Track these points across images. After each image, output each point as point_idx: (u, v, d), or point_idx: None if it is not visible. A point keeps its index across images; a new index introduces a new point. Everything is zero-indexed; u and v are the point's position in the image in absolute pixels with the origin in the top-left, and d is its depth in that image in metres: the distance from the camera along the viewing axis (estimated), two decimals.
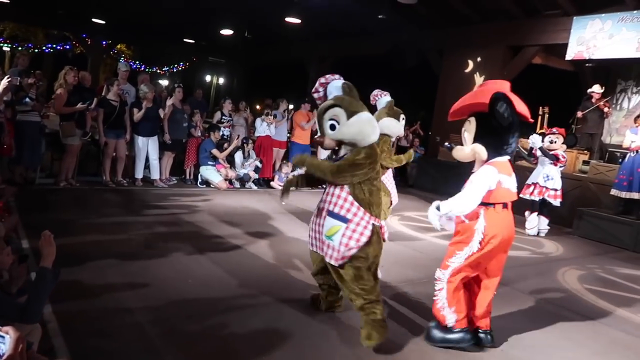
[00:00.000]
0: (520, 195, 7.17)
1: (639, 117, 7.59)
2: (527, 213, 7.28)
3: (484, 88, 3.37)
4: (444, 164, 10.61)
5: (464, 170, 9.86)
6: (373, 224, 3.14)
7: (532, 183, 7.20)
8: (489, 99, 3.07)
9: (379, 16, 11.25)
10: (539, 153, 7.17)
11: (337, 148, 3.26)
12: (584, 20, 9.20)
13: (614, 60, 9.16)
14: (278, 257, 4.78)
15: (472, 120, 3.21)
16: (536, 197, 7.09)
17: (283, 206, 7.31)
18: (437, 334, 3.25)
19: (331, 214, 3.15)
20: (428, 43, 12.16)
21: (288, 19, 12.02)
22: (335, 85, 3.34)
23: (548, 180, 7.06)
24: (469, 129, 3.23)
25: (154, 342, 2.91)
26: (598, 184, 8.10)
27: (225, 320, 3.28)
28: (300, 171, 3.61)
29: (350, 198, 3.14)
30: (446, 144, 3.90)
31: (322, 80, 3.42)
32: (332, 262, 3.13)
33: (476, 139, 3.17)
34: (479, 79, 11.05)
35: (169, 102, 7.65)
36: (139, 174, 7.55)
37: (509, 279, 4.93)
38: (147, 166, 7.66)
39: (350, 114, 3.09)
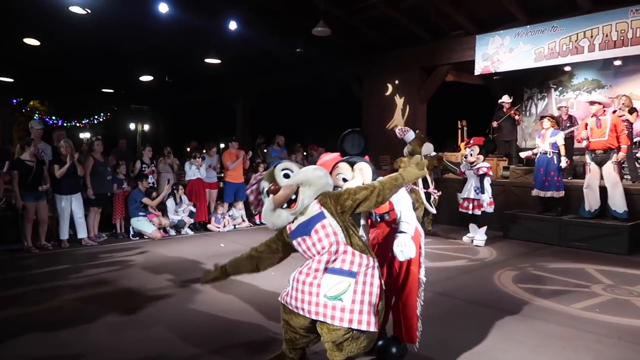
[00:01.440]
0: (461, 210, 7.45)
1: (542, 119, 8.19)
2: (471, 226, 7.52)
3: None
4: None
5: None
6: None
7: (466, 198, 7.39)
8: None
9: (297, 50, 11.51)
10: (464, 168, 7.49)
11: None
12: (485, 37, 9.92)
13: (517, 71, 9.91)
14: (221, 303, 4.65)
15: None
16: (477, 211, 7.25)
17: (222, 248, 7.17)
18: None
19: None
20: (347, 71, 12.59)
21: (207, 60, 12.04)
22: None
23: (478, 192, 7.28)
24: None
25: None
26: (519, 187, 8.62)
27: None
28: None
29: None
30: None
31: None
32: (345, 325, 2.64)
33: None
34: (399, 100, 11.55)
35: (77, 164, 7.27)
36: (64, 234, 7.15)
37: (449, 288, 5.10)
38: (72, 226, 7.27)
39: None
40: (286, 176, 2.81)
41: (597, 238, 6.88)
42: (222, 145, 16.65)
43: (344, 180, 3.09)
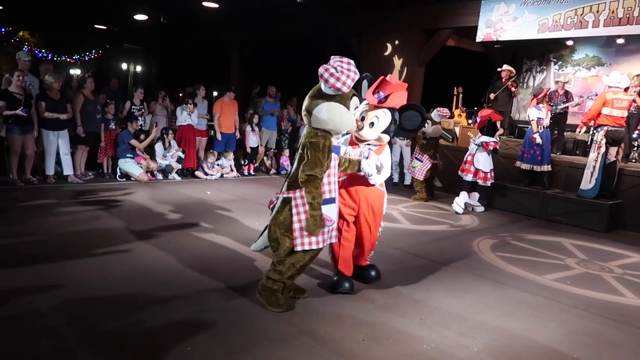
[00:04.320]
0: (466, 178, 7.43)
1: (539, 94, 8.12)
2: (463, 192, 7.45)
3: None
4: None
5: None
6: None
7: (480, 169, 7.30)
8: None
9: (298, 0, 11.19)
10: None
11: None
12: (491, 3, 9.68)
13: (519, 41, 9.76)
14: (203, 248, 4.72)
15: None
16: (480, 180, 7.27)
17: (208, 196, 7.20)
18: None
19: None
20: (347, 27, 12.30)
21: (205, 3, 11.68)
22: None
23: (479, 163, 7.26)
24: None
25: (69, 345, 2.78)
26: (508, 158, 8.66)
27: (147, 315, 3.20)
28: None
29: None
30: None
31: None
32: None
33: None
34: (397, 61, 11.37)
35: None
36: (50, 170, 7.11)
37: (428, 252, 5.21)
38: (58, 162, 7.22)
39: None
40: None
41: (578, 214, 7.01)
42: (215, 94, 16.42)
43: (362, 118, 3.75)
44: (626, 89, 7.23)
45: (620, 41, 10.08)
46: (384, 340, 3.13)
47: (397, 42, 11.41)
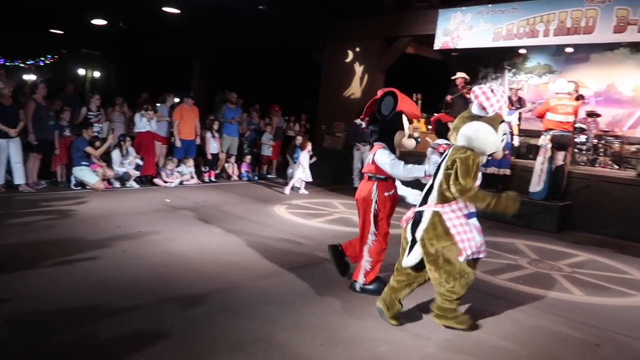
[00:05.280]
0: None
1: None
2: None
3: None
4: (329, 151, 10.96)
5: (345, 157, 10.28)
6: None
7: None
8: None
9: (260, 7, 11.20)
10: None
11: None
12: (448, 12, 9.97)
13: (475, 49, 10.07)
14: (160, 256, 4.64)
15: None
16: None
17: (167, 204, 7.09)
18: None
19: None
20: (310, 34, 12.41)
21: (166, 9, 11.52)
22: None
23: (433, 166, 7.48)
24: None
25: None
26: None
27: (102, 326, 3.13)
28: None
29: None
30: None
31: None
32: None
33: None
34: (358, 68, 11.54)
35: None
36: (0, 179, 6.83)
37: (389, 255, 5.28)
38: (9, 171, 6.96)
39: None
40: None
41: (531, 215, 7.26)
42: (176, 100, 16.19)
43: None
44: (577, 97, 7.61)
45: (569, 50, 10.55)
46: (342, 344, 3.16)
47: (358, 49, 11.58)
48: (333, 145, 11.15)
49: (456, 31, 9.87)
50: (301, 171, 8.63)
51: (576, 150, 8.88)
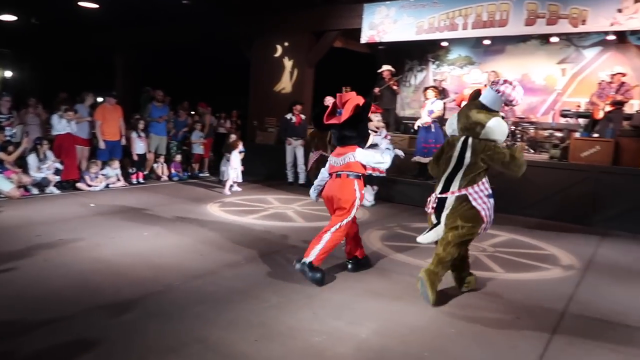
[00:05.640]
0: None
1: (427, 90, 8.71)
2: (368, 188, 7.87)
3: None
4: (261, 147, 10.90)
5: (278, 152, 10.26)
6: None
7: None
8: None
9: (183, 1, 10.89)
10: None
11: None
12: (372, 7, 10.20)
13: (400, 42, 10.38)
14: (85, 264, 4.42)
15: None
16: (375, 173, 7.62)
17: (92, 208, 6.76)
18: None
19: None
20: (238, 30, 12.24)
21: (82, 3, 10.92)
22: None
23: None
24: None
25: None
26: None
27: (24, 341, 2.94)
28: None
29: None
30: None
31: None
32: None
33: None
34: (288, 62, 11.54)
35: None
36: None
37: None
38: None
39: None
40: None
41: None
42: (100, 99, 15.43)
43: None
44: (485, 85, 8.03)
45: (486, 42, 11.11)
46: (277, 338, 3.17)
47: (286, 44, 11.58)
48: (265, 140, 11.09)
49: (381, 25, 10.12)
50: (232, 171, 8.49)
51: None
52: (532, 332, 3.43)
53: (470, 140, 3.89)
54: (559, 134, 9.87)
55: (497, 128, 3.81)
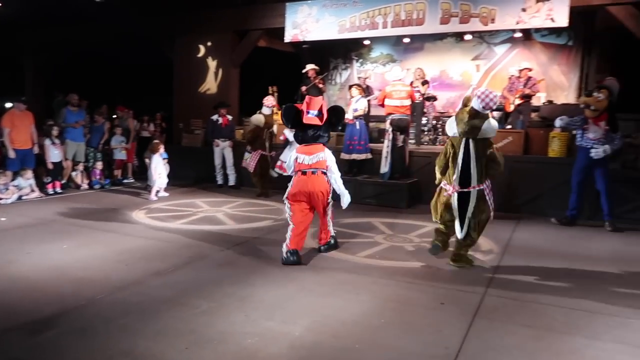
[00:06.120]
0: (284, 173, 7.72)
1: (351, 88, 8.88)
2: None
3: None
4: (188, 150, 10.64)
5: (206, 155, 10.05)
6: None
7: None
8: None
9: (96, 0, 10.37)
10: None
11: None
12: (294, 6, 10.23)
13: (324, 41, 10.50)
14: None
15: None
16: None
17: (2, 223, 6.28)
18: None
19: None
20: (158, 29, 11.84)
21: None
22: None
23: None
24: None
25: None
26: None
27: None
28: None
29: None
30: None
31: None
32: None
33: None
34: (212, 62, 11.33)
35: None
36: None
37: (254, 247, 5.33)
38: None
39: None
40: None
41: (384, 195, 7.86)
42: (8, 105, 14.33)
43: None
44: (411, 83, 8.35)
45: (406, 40, 11.51)
46: (208, 344, 3.12)
47: (209, 43, 11.36)
48: (192, 143, 10.82)
49: (304, 24, 10.18)
50: (157, 176, 8.21)
51: (416, 131, 9.73)
52: (456, 316, 3.61)
53: (471, 141, 4.58)
54: None
55: (489, 128, 4.56)
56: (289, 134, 7.92)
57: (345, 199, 5.15)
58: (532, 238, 6.06)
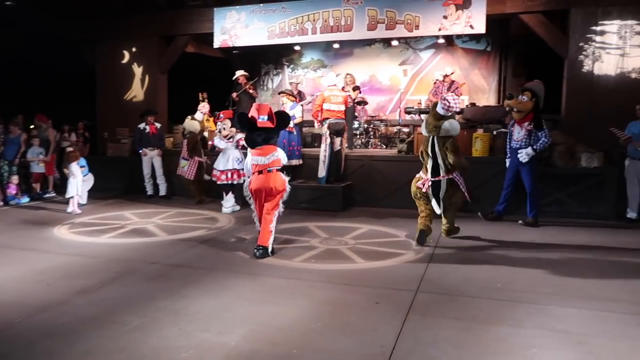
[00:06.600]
0: (219, 182, 7.56)
1: (280, 94, 8.90)
2: (224, 194, 7.77)
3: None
4: (115, 160, 10.18)
5: (133, 164, 9.70)
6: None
7: (227, 170, 7.64)
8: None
9: (7, 2, 9.69)
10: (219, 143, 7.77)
11: None
12: (223, 11, 10.10)
13: (254, 47, 10.44)
14: None
15: None
16: (236, 180, 7.62)
17: None
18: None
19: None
20: (77, 34, 11.25)
21: None
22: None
23: (240, 162, 7.64)
24: None
25: None
26: None
27: None
28: None
29: None
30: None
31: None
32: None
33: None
34: (137, 69, 10.94)
35: None
36: None
37: (187, 259, 5.19)
38: None
39: None
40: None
41: (319, 199, 7.92)
42: None
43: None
44: (343, 88, 8.49)
45: (336, 46, 11.69)
46: None
47: (134, 49, 10.98)
48: (118, 153, 10.36)
49: (233, 29, 10.08)
50: (76, 186, 7.77)
51: (348, 135, 9.92)
52: (390, 315, 3.70)
53: (436, 139, 5.62)
54: (405, 130, 10.79)
55: (449, 127, 5.54)
56: (219, 142, 7.82)
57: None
58: (460, 234, 6.33)
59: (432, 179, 5.70)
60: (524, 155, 6.60)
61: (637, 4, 7.91)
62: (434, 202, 5.80)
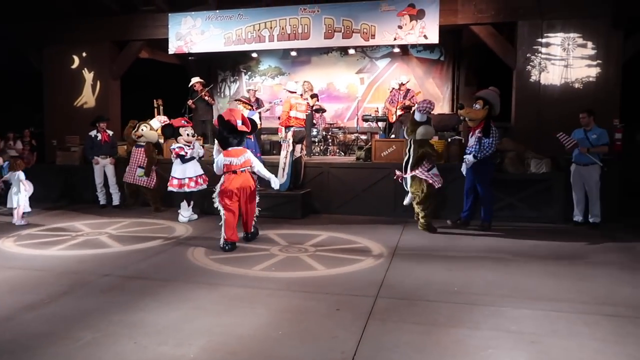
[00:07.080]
0: (179, 190, 7.37)
1: (237, 102, 8.83)
2: (182, 204, 7.58)
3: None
4: (64, 169, 9.78)
5: (84, 173, 9.39)
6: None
7: (182, 178, 7.45)
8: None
9: None
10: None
11: None
12: (177, 17, 9.94)
13: (211, 53, 10.33)
14: None
15: None
16: (194, 188, 7.49)
17: None
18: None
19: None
20: (22, 39, 10.79)
21: None
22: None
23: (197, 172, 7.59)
24: None
25: None
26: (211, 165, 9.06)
27: None
28: None
29: None
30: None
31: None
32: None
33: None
34: (88, 75, 10.60)
35: None
36: None
37: (142, 270, 5.04)
38: None
39: None
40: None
41: (279, 206, 7.88)
42: None
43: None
44: (301, 95, 8.50)
45: (293, 54, 11.67)
46: None
47: (84, 54, 10.65)
48: (68, 161, 9.94)
49: (189, 35, 9.93)
50: (23, 195, 7.39)
51: (307, 143, 9.95)
52: (350, 321, 3.71)
53: (411, 142, 6.62)
54: (363, 137, 10.93)
55: (423, 131, 6.52)
56: (188, 149, 7.62)
57: (273, 181, 6.16)
58: (418, 240, 6.45)
59: (405, 176, 6.71)
60: (465, 162, 6.85)
61: (579, 17, 8.37)
62: (407, 197, 6.89)
